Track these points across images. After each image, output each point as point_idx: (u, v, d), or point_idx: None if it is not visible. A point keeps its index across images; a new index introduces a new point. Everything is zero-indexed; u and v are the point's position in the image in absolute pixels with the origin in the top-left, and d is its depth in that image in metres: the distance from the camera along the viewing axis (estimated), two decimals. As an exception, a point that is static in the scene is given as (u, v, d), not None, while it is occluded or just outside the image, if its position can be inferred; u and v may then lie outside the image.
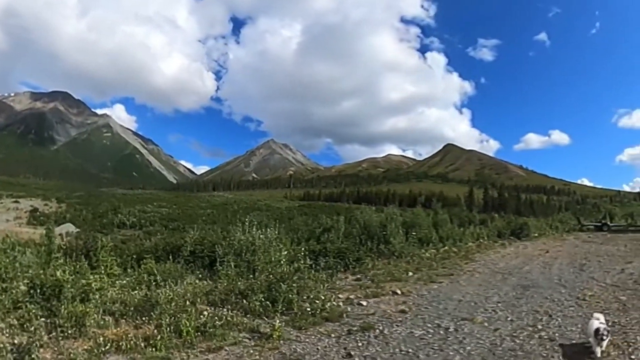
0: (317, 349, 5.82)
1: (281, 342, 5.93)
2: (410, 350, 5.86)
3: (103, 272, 9.07)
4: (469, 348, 5.92)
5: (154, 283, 8.38)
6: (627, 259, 15.27)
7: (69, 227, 52.00)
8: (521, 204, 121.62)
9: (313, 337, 6.29)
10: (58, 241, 12.83)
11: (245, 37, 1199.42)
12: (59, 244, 12.05)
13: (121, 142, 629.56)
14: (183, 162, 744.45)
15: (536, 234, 27.00)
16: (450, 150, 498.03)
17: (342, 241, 14.14)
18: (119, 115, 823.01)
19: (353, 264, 12.59)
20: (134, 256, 12.14)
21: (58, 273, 6.48)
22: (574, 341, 5.97)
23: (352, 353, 5.67)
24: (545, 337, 6.36)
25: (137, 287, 8.43)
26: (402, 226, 16.96)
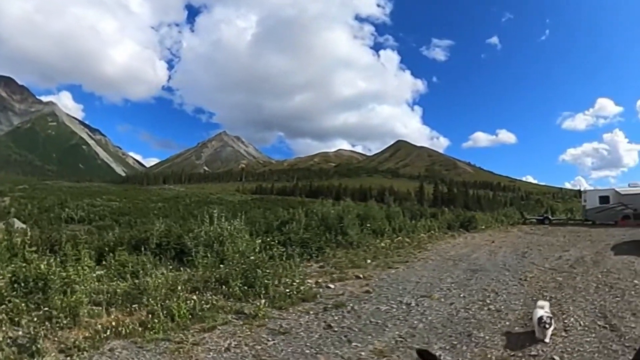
0: (300, 323, 6.53)
1: (266, 320, 6.56)
2: (379, 321, 6.72)
3: (77, 264, 9.23)
4: (430, 318, 6.88)
5: (129, 274, 8.65)
6: (565, 248, 16.75)
7: (16, 223, 49.68)
8: (469, 199, 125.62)
9: (294, 314, 6.97)
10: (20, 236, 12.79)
11: (200, 25, 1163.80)
12: (22, 239, 11.94)
13: (67, 132, 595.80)
14: (132, 154, 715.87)
15: (483, 227, 28.20)
16: (401, 146, 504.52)
17: (303, 232, 14.75)
18: (65, 104, 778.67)
19: (315, 252, 13.31)
20: (102, 249, 12.22)
21: (42, 266, 6.64)
22: (517, 329, 6.71)
23: (332, 325, 6.47)
24: (493, 309, 7.41)
25: (115, 279, 8.68)
26: (357, 218, 17.76)
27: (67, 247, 10.34)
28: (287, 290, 8.14)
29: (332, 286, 9.17)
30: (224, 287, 7.99)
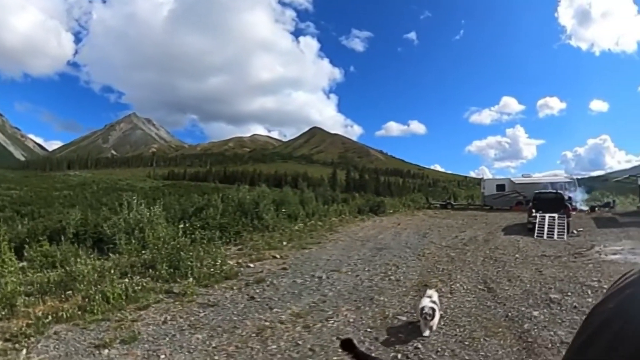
0: (226, 297, 7.23)
1: (195, 296, 7.16)
2: (295, 291, 7.65)
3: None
4: (339, 287, 7.94)
5: (58, 263, 8.75)
6: (462, 229, 18.68)
7: None
8: (380, 185, 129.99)
9: (219, 290, 7.65)
10: None
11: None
12: None
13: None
14: (32, 137, 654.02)
15: (391, 211, 29.89)
16: (315, 133, 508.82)
17: (220, 217, 15.12)
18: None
19: (234, 236, 13.82)
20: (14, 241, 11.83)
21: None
22: (412, 293, 7.87)
23: (254, 296, 7.25)
24: (393, 279, 8.63)
25: (40, 269, 8.73)
26: (272, 203, 18.42)
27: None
28: (211, 270, 8.73)
29: (251, 265, 9.87)
30: (150, 270, 8.43)
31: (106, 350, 4.75)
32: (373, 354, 4.74)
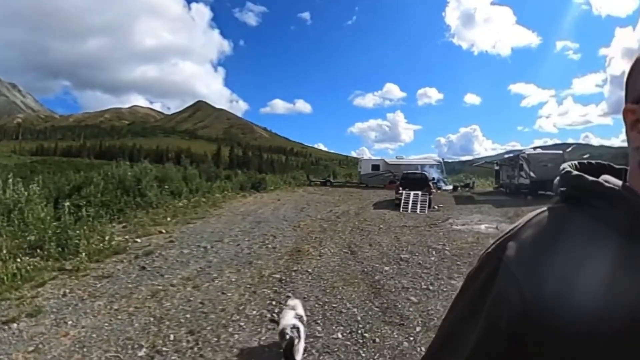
0: (118, 269, 7.69)
1: (88, 271, 7.49)
2: (183, 260, 8.37)
3: None
4: (222, 255, 8.85)
5: None
6: (337, 204, 20.44)
7: None
8: (263, 162, 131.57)
9: (111, 264, 8.04)
10: None
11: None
12: None
13: None
14: None
15: (272, 188, 30.96)
16: (201, 107, 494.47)
17: (102, 195, 14.94)
18: None
19: (117, 214, 13.84)
20: None
21: None
22: (286, 257, 9.02)
23: (145, 267, 7.83)
24: (270, 247, 9.76)
25: None
26: (155, 180, 18.46)
27: None
28: (100, 246, 9.03)
29: (138, 240, 10.29)
30: (39, 250, 8.43)
31: (15, 324, 5.04)
32: (253, 303, 5.78)
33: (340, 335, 4.77)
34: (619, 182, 0.72)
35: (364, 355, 4.33)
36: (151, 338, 4.65)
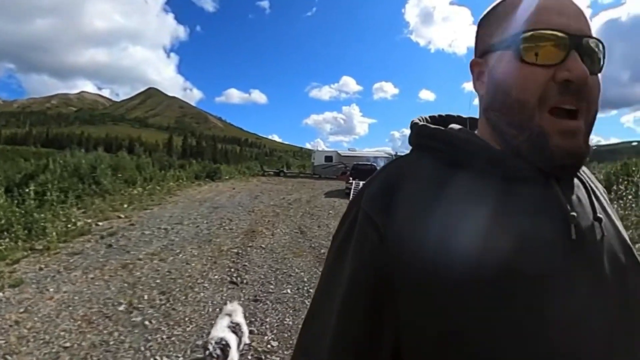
0: (87, 247, 8.31)
1: (58, 250, 8.04)
2: (146, 240, 9.08)
3: None
4: (183, 235, 9.66)
5: None
6: (290, 193, 21.45)
7: None
8: (217, 152, 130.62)
9: (78, 244, 8.61)
10: None
11: None
12: None
13: None
14: None
15: (227, 177, 31.51)
16: (152, 94, 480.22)
17: (59, 182, 15.13)
18: None
19: (76, 200, 14.16)
20: None
21: None
22: (242, 236, 9.90)
23: (112, 245, 8.50)
24: (227, 228, 10.63)
25: None
26: (109, 168, 18.73)
27: None
28: (65, 228, 9.55)
29: (100, 223, 10.82)
30: (5, 233, 8.72)
31: (0, 294, 5.60)
32: (214, 270, 6.66)
33: (289, 291, 5.78)
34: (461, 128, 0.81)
35: (308, 304, 5.32)
36: (128, 298, 5.46)
